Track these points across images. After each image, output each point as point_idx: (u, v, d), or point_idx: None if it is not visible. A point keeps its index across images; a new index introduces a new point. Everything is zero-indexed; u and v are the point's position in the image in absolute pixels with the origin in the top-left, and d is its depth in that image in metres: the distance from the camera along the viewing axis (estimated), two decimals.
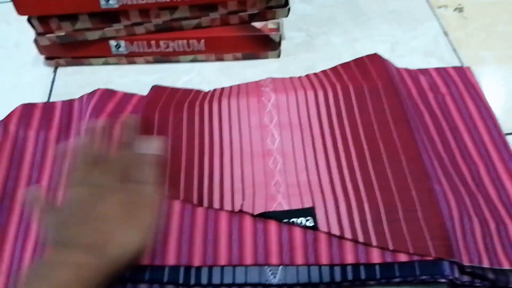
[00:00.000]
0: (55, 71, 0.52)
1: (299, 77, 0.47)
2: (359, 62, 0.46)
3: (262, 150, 0.39)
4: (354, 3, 0.58)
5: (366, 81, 0.43)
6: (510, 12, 0.56)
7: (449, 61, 0.51)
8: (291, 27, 0.55)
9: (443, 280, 0.30)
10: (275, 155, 0.38)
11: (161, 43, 0.49)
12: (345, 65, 0.47)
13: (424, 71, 0.48)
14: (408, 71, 0.48)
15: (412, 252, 0.31)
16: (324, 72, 0.47)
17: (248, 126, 0.41)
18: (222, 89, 0.46)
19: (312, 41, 0.54)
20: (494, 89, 0.48)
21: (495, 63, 0.51)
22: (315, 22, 0.56)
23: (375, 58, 0.46)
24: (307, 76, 0.47)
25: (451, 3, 0.58)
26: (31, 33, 0.49)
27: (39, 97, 0.50)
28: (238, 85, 0.46)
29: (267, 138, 0.39)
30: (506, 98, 0.48)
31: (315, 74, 0.47)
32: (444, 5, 0.58)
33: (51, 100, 0.49)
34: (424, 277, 0.30)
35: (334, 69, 0.47)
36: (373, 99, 0.41)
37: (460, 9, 0.57)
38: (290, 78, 0.47)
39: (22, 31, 0.50)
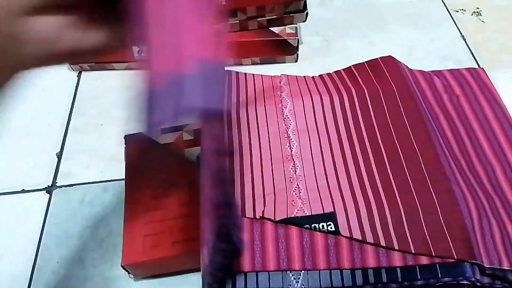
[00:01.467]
0: (79, 76, 0.54)
1: (313, 78, 0.47)
2: (373, 63, 0.46)
3: (281, 156, 0.39)
4: (371, 7, 0.59)
5: (381, 84, 0.43)
6: None
7: (466, 64, 0.51)
8: (308, 31, 0.56)
9: (465, 282, 0.31)
10: (294, 161, 0.39)
11: None
12: (359, 67, 0.47)
13: (438, 73, 0.48)
14: (422, 72, 0.48)
15: (434, 255, 0.31)
16: (338, 73, 0.47)
17: (266, 132, 0.41)
18: (238, 89, 0.47)
19: (329, 45, 0.55)
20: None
21: None
22: (332, 26, 0.57)
23: (389, 60, 0.46)
24: (321, 77, 0.47)
25: (469, 7, 0.58)
26: None
27: (64, 101, 0.51)
28: (254, 84, 0.46)
29: (285, 144, 0.40)
30: None
31: (329, 75, 0.48)
32: (461, 9, 0.58)
33: (75, 104, 0.51)
34: (446, 279, 0.31)
35: (348, 70, 0.47)
36: (389, 101, 0.42)
37: (478, 13, 0.57)
38: (304, 78, 0.47)
39: None
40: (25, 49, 0.21)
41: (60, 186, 0.44)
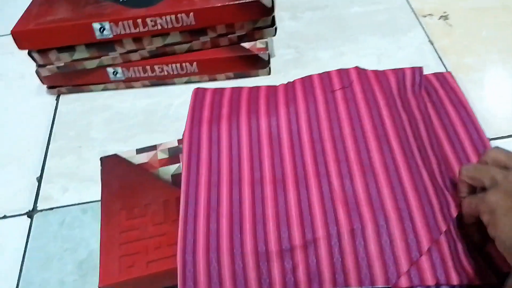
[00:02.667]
0: (57, 99, 0.55)
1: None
2: (343, 73, 0.47)
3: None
4: (340, 18, 0.60)
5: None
6: (494, 16, 0.58)
7: (434, 69, 0.52)
8: (280, 44, 0.57)
9: None
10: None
11: (156, 67, 0.52)
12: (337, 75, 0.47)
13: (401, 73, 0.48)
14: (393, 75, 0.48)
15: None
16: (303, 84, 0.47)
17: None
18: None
19: (301, 57, 0.56)
20: (480, 94, 0.50)
21: (480, 68, 0.52)
22: (304, 38, 0.58)
23: (358, 70, 0.47)
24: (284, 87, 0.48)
25: (436, 11, 0.59)
26: (33, 64, 0.52)
27: (43, 125, 0.52)
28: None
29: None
30: (492, 103, 0.49)
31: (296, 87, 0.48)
32: (429, 14, 0.59)
33: (54, 127, 0.52)
34: None
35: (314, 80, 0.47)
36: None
37: (445, 17, 0.59)
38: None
39: (25, 61, 0.53)
40: None
41: (41, 210, 0.45)
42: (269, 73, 0.54)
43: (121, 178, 0.42)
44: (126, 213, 0.40)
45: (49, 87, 0.55)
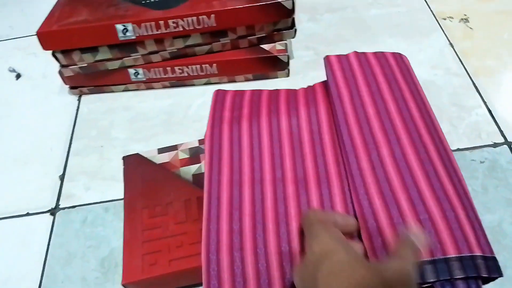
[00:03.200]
0: (79, 99, 0.56)
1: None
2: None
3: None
4: (360, 20, 0.60)
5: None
6: None
7: (455, 72, 0.52)
8: (299, 46, 0.58)
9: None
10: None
11: (176, 69, 0.52)
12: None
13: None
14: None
15: None
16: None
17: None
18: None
19: (320, 59, 0.55)
20: (502, 98, 0.49)
21: (501, 71, 0.52)
22: (323, 40, 0.58)
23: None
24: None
25: (456, 14, 0.59)
26: (56, 64, 0.53)
27: (65, 124, 0.53)
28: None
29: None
30: None
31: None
32: (449, 17, 0.59)
33: (76, 127, 0.53)
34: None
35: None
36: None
37: (465, 20, 0.58)
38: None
39: (48, 62, 0.54)
40: None
41: (63, 208, 0.46)
42: (288, 75, 0.54)
43: (143, 177, 0.43)
44: (148, 212, 0.40)
45: (71, 88, 0.56)
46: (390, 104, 0.41)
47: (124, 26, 0.47)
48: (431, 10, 0.60)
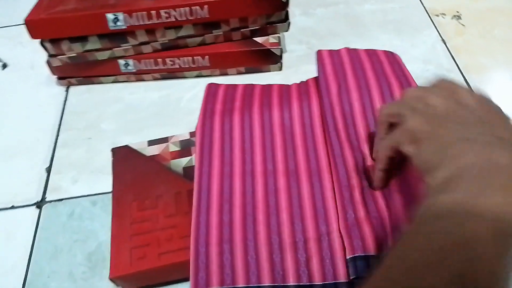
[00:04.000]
0: (67, 90, 0.55)
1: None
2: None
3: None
4: (353, 15, 0.60)
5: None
6: (507, 15, 0.57)
7: (447, 67, 0.52)
8: (292, 39, 0.57)
9: None
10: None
11: (168, 60, 0.52)
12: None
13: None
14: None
15: None
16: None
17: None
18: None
19: (313, 53, 0.55)
20: (493, 94, 0.49)
21: (493, 68, 0.52)
22: (316, 34, 0.58)
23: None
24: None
25: (449, 11, 0.59)
26: (44, 54, 0.52)
27: (53, 115, 0.52)
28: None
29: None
30: (505, 103, 0.48)
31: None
32: (442, 13, 0.59)
33: (64, 118, 0.52)
34: None
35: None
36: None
37: (458, 17, 0.58)
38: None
39: (36, 52, 0.52)
40: None
41: (50, 201, 0.45)
42: (280, 69, 0.54)
43: (133, 169, 0.42)
44: (137, 204, 0.39)
45: (59, 78, 0.54)
46: (376, 99, 0.41)
47: (115, 15, 0.46)
48: (424, 7, 0.60)
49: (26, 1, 0.52)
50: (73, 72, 0.53)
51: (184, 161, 0.42)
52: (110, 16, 0.46)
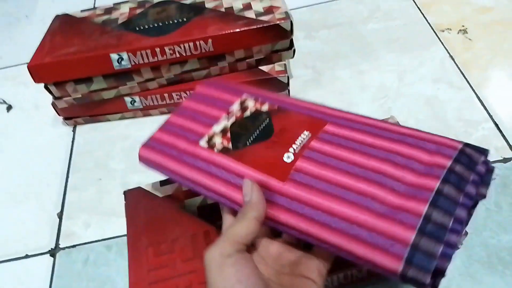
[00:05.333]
0: (74, 130, 0.54)
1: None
2: None
3: None
4: (357, 35, 0.59)
5: None
6: None
7: (458, 85, 0.51)
8: (297, 64, 0.57)
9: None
10: None
11: (174, 94, 0.51)
12: None
13: None
14: None
15: None
16: None
17: None
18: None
19: (320, 77, 0.55)
20: (507, 110, 0.48)
21: (505, 82, 0.51)
22: (321, 57, 0.57)
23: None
24: None
25: (454, 25, 0.58)
26: (48, 94, 0.51)
27: (61, 157, 0.51)
28: None
29: None
30: None
31: None
32: (447, 28, 0.58)
33: (72, 159, 0.51)
34: None
35: None
36: None
37: (464, 31, 0.58)
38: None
39: (40, 91, 0.52)
40: None
41: (63, 248, 0.44)
42: (288, 95, 0.53)
43: (146, 212, 0.41)
44: (153, 250, 0.38)
45: (65, 118, 0.54)
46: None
47: (119, 55, 0.46)
48: (428, 23, 0.59)
49: (28, 40, 0.52)
50: (79, 112, 0.52)
51: (198, 199, 0.41)
52: (114, 56, 0.46)
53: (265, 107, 0.37)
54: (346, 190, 0.29)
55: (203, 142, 0.36)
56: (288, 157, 0.32)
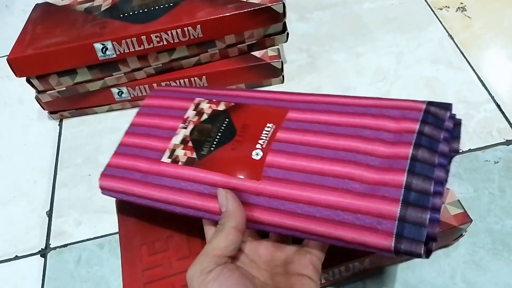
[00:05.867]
0: (60, 124, 0.52)
1: None
2: None
3: None
4: (352, 16, 0.57)
5: None
6: None
7: (458, 65, 0.49)
8: (291, 48, 0.54)
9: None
10: None
11: (163, 84, 0.49)
12: None
13: None
14: None
15: None
16: None
17: None
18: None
19: (315, 62, 0.53)
20: (508, 89, 0.47)
21: (505, 61, 0.49)
22: (315, 40, 0.55)
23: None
24: None
25: (453, 3, 0.56)
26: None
27: (48, 153, 0.49)
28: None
29: None
30: None
31: None
32: (445, 6, 0.56)
33: (60, 155, 0.49)
34: None
35: None
36: None
37: (462, 8, 0.55)
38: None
39: (24, 85, 0.49)
40: None
41: (54, 248, 0.42)
42: (282, 81, 0.51)
43: (138, 209, 0.39)
44: (147, 248, 0.37)
45: (51, 112, 0.52)
46: None
47: (103, 44, 0.44)
48: (425, 0, 0.57)
49: (9, 31, 0.49)
50: (64, 106, 0.50)
51: None
52: (98, 46, 0.43)
53: (221, 107, 0.35)
54: (322, 176, 0.28)
55: (165, 158, 0.34)
56: (257, 154, 0.31)
